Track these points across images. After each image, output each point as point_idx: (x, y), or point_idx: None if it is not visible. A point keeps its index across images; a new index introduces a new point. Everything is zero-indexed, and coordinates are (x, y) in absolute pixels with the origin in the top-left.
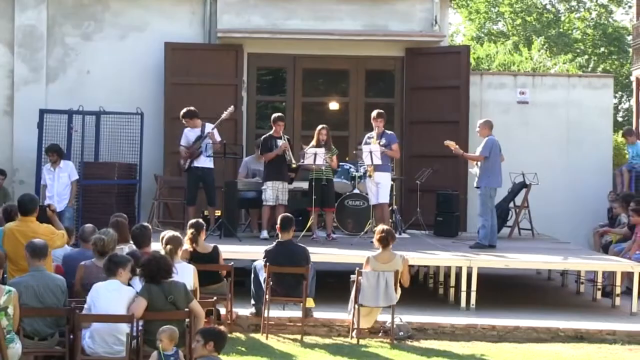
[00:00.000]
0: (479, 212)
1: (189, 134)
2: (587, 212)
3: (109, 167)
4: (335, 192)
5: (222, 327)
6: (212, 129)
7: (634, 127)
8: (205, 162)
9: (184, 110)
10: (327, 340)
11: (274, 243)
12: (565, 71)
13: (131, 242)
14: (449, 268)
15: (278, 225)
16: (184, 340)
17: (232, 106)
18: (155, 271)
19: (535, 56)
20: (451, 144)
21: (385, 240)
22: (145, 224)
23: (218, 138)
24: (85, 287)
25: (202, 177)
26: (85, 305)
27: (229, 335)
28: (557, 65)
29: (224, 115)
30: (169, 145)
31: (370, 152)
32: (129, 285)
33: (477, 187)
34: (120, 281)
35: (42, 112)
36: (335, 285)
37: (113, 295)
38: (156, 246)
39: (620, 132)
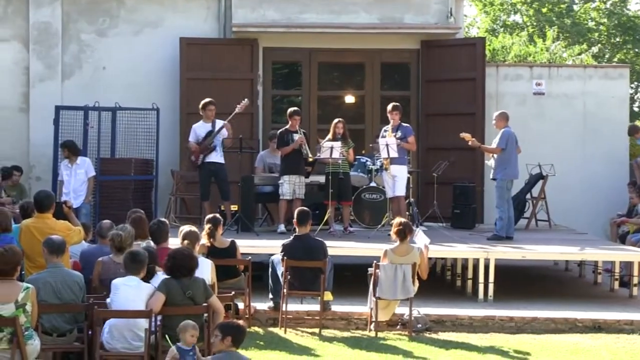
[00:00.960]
0: (496, 203)
1: (199, 130)
2: (604, 203)
3: (126, 163)
4: (352, 185)
5: (240, 322)
6: (226, 122)
7: None
8: (216, 157)
9: (209, 99)
10: (346, 334)
11: (292, 237)
12: (580, 62)
13: (149, 238)
14: (466, 260)
15: (295, 219)
16: (202, 335)
17: (245, 99)
18: (179, 266)
19: (552, 47)
20: (467, 136)
21: (403, 233)
22: (163, 219)
23: (227, 134)
24: (103, 282)
25: (215, 172)
26: (108, 300)
27: (247, 329)
28: (572, 56)
29: (238, 108)
30: (185, 140)
31: (387, 145)
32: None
33: (494, 179)
34: (139, 278)
35: (58, 109)
36: (353, 278)
37: (132, 291)
38: (174, 242)
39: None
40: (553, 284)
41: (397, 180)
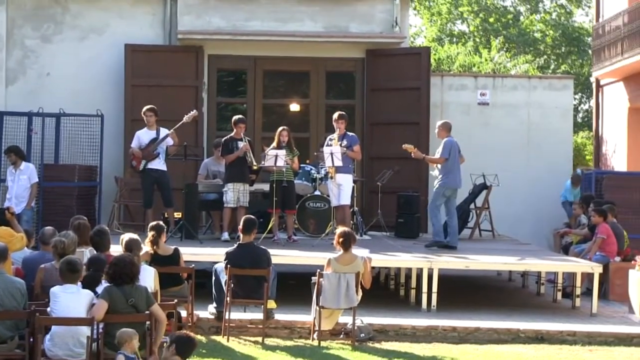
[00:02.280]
0: (428, 207)
1: (142, 136)
2: (547, 214)
3: (69, 169)
4: (297, 193)
5: (192, 335)
6: (169, 132)
7: (593, 128)
8: (159, 164)
9: (149, 106)
10: (289, 342)
11: (235, 245)
12: (525, 72)
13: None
14: (410, 269)
15: (240, 227)
16: (145, 343)
17: (194, 110)
18: (120, 273)
19: (495, 57)
20: (409, 148)
21: (347, 243)
22: (103, 226)
23: (172, 142)
24: (45, 289)
25: (157, 179)
26: (48, 309)
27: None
28: (517, 66)
29: (186, 118)
30: (130, 147)
31: (332, 154)
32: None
33: None
34: (76, 285)
35: (2, 115)
36: (297, 287)
37: (72, 298)
38: (116, 249)
39: (580, 134)
40: (496, 294)
41: (342, 189)
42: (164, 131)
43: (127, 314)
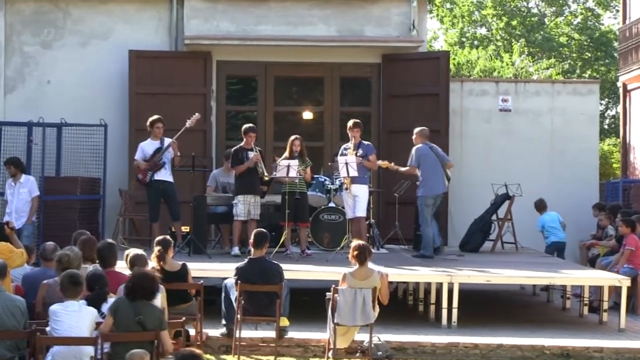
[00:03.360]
0: (419, 219)
1: (146, 148)
2: (573, 225)
3: (71, 182)
4: (310, 205)
5: (197, 352)
6: (173, 140)
7: (620, 135)
8: (165, 175)
9: (158, 116)
10: None
11: (246, 260)
12: (548, 77)
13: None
14: (429, 284)
15: (251, 241)
16: None
17: (196, 113)
18: (139, 287)
19: (517, 61)
20: (384, 164)
21: (362, 257)
22: (111, 240)
23: (173, 152)
24: (47, 307)
25: (164, 191)
26: (48, 328)
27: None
28: (539, 71)
29: (188, 123)
30: (134, 159)
31: (347, 164)
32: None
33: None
34: (78, 301)
35: (0, 125)
36: (310, 303)
37: (74, 317)
38: (121, 265)
39: (606, 141)
40: (520, 309)
41: (357, 201)
42: (167, 141)
43: (131, 332)
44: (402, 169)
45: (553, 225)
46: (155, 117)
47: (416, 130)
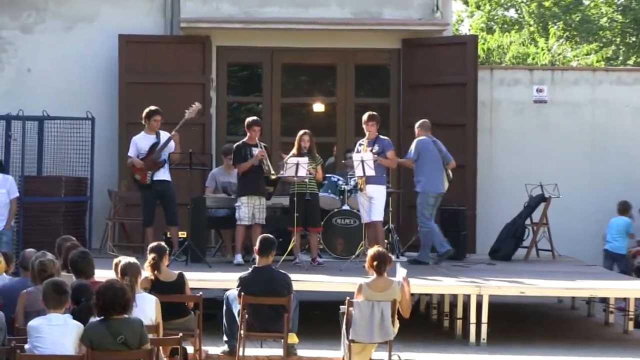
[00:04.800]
0: (418, 220)
1: (140, 142)
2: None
3: (55, 182)
4: (321, 208)
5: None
6: (173, 134)
7: None
8: (164, 174)
9: (155, 107)
10: None
11: (250, 269)
12: (588, 64)
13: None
14: (455, 296)
15: (256, 248)
16: None
17: (196, 102)
18: (111, 303)
19: (554, 46)
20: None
21: (380, 265)
22: (84, 249)
23: (174, 147)
24: (29, 317)
25: (162, 192)
26: (27, 346)
27: None
28: (578, 57)
29: (188, 114)
30: (126, 155)
31: (362, 162)
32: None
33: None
34: (62, 313)
35: None
36: (322, 317)
37: (57, 333)
38: (109, 275)
39: None
40: (557, 324)
41: (374, 203)
42: (164, 134)
43: (119, 352)
44: (401, 160)
45: (616, 231)
46: (152, 108)
47: (418, 123)
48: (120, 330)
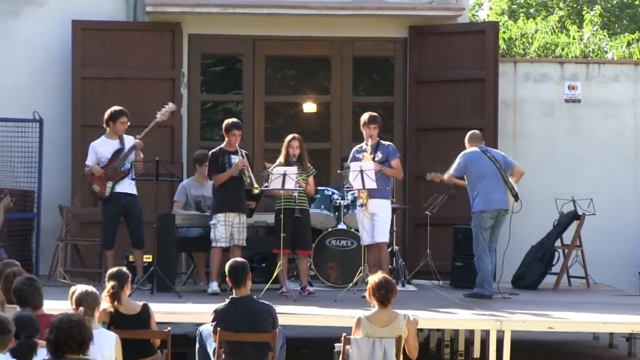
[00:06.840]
0: (473, 246)
1: (101, 149)
2: None
3: None
4: (313, 227)
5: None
6: (139, 138)
7: None
8: (129, 186)
9: (120, 108)
10: None
11: (227, 300)
12: (629, 56)
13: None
14: (471, 332)
15: (227, 279)
16: None
17: (170, 103)
18: (65, 339)
19: (586, 35)
20: (436, 177)
21: (384, 295)
22: (29, 275)
23: (136, 155)
24: None
25: (126, 208)
26: None
27: None
28: (616, 48)
29: (159, 116)
30: (80, 163)
31: (361, 172)
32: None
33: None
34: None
35: None
36: (313, 357)
37: None
38: (62, 306)
39: None
40: None
41: (377, 221)
42: (129, 139)
43: None
44: (459, 181)
45: None
46: (117, 108)
47: (467, 135)
48: None
